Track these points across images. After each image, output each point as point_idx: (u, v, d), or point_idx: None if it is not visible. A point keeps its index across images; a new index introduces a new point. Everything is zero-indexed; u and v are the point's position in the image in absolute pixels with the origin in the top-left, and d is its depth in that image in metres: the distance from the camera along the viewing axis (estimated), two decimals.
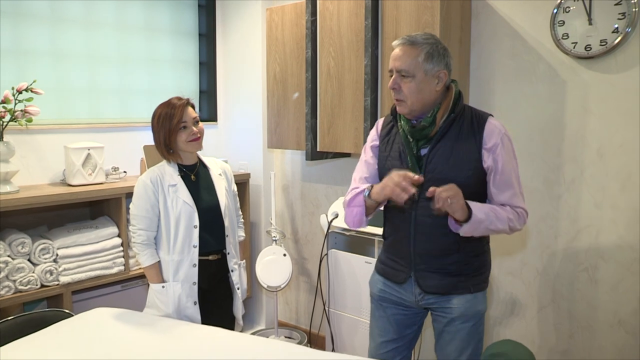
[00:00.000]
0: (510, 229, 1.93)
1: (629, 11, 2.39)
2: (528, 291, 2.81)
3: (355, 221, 2.07)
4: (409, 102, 1.91)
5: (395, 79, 1.92)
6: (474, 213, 1.83)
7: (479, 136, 1.92)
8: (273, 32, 3.38)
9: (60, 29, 3.22)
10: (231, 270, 2.54)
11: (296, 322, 4.00)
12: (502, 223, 1.89)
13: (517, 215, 1.94)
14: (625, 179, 2.48)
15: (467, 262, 2.00)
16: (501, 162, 1.92)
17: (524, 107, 2.74)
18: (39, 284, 2.81)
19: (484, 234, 1.91)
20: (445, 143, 1.93)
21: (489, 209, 1.88)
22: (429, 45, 1.89)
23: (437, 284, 2.00)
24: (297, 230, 3.90)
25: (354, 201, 2.04)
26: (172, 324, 2.29)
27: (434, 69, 1.89)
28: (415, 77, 1.88)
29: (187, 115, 2.40)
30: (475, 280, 2.02)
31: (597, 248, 2.58)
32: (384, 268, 2.15)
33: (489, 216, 1.86)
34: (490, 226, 1.87)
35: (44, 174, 3.15)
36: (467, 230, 1.86)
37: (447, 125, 1.93)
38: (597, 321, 2.61)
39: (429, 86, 1.91)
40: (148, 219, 2.39)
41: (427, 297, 2.03)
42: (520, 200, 1.96)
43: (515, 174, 1.97)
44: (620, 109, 2.47)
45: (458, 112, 1.95)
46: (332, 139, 3.10)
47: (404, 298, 2.09)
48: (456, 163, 1.92)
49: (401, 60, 1.90)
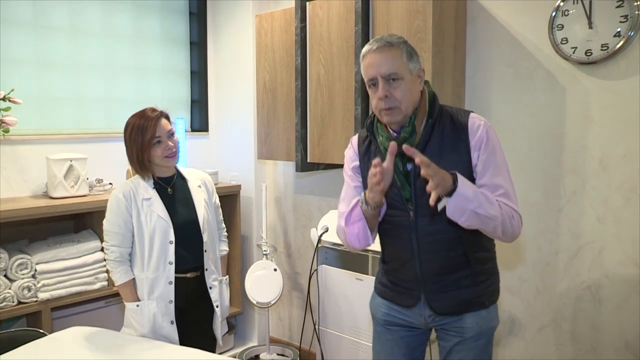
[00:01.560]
0: (503, 226, 1.69)
1: (631, 14, 2.26)
2: (527, 310, 2.67)
3: (360, 238, 1.83)
4: (403, 107, 1.73)
5: (385, 86, 1.73)
6: (460, 185, 1.59)
7: (464, 135, 1.76)
8: (262, 40, 3.27)
9: (45, 36, 3.13)
10: (210, 287, 2.42)
11: (289, 339, 3.87)
12: (492, 208, 1.65)
13: (510, 214, 1.72)
14: (630, 191, 2.34)
15: (480, 272, 1.85)
16: (487, 158, 1.75)
17: (522, 115, 2.61)
18: (16, 300, 2.70)
19: (472, 220, 1.65)
20: (431, 151, 1.76)
21: (478, 190, 1.66)
22: (404, 45, 1.77)
23: (450, 303, 1.84)
24: (290, 244, 3.78)
25: (351, 217, 1.84)
26: (147, 345, 2.19)
27: (416, 68, 1.77)
28: (405, 78, 1.73)
29: (161, 129, 2.27)
30: (489, 291, 1.88)
31: (600, 265, 2.44)
32: (386, 292, 1.98)
33: (477, 196, 1.62)
34: (479, 209, 1.62)
35: (25, 186, 3.05)
36: (453, 208, 1.61)
37: (427, 132, 1.78)
38: (602, 343, 2.45)
39: (415, 86, 1.77)
40: (121, 235, 2.28)
41: (438, 319, 1.88)
42: (512, 201, 1.75)
43: (505, 171, 1.78)
44: (624, 117, 2.33)
45: (436, 115, 1.79)
46: (323, 149, 2.98)
47: (411, 321, 1.94)
48: (447, 169, 1.70)
49: (387, 64, 1.73)
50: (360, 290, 2.79)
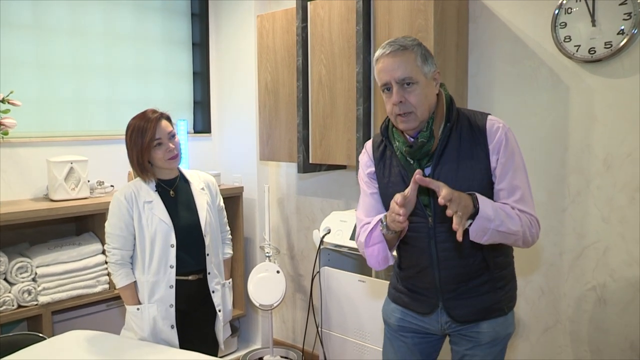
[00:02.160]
0: (524, 236, 1.67)
1: (635, 11, 2.23)
2: (532, 311, 2.64)
3: (380, 261, 1.80)
4: (419, 112, 1.69)
5: (399, 91, 1.68)
6: (481, 208, 1.57)
7: (482, 139, 1.72)
8: (264, 40, 3.25)
9: (45, 37, 3.12)
10: (212, 291, 2.39)
11: (293, 341, 3.84)
12: (513, 224, 1.63)
13: (529, 222, 1.69)
14: (634, 191, 2.31)
15: (499, 277, 1.82)
16: (505, 161, 1.71)
17: (525, 115, 2.58)
18: (16, 304, 2.69)
19: (494, 238, 1.63)
20: (448, 156, 1.73)
21: (498, 206, 1.63)
22: (419, 47, 1.71)
23: (470, 311, 1.81)
24: (293, 246, 3.75)
25: (371, 238, 1.78)
26: (148, 350, 2.17)
27: (431, 71, 1.72)
28: (419, 82, 1.68)
29: (161, 131, 2.25)
30: (508, 297, 1.85)
31: (605, 265, 2.41)
32: (402, 298, 1.94)
33: (497, 214, 1.60)
34: (501, 227, 1.60)
35: (26, 189, 3.04)
36: (475, 230, 1.59)
37: (446, 137, 1.73)
38: (607, 344, 2.42)
39: (431, 90, 1.73)
40: (122, 238, 2.26)
41: (454, 325, 1.84)
42: (529, 207, 1.71)
43: (523, 174, 1.74)
44: (628, 115, 2.30)
45: (454, 119, 1.75)
46: (325, 150, 2.96)
47: (426, 327, 1.90)
48: (466, 174, 1.71)
49: (401, 68, 1.67)
50: (363, 292, 2.77)
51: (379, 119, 2.70)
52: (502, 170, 1.71)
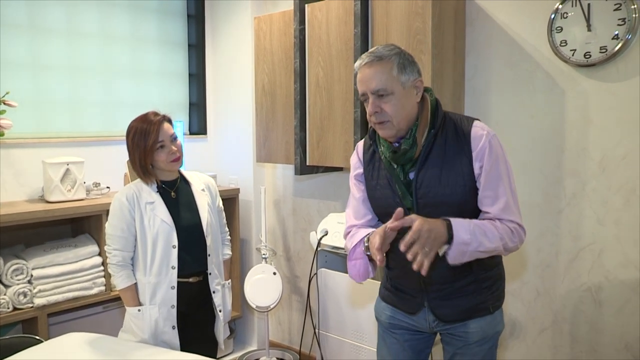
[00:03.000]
0: (505, 248, 1.71)
1: (629, 17, 2.26)
2: (528, 312, 2.66)
3: (360, 274, 1.84)
4: (395, 121, 1.71)
5: (374, 101, 1.70)
6: (455, 234, 1.61)
7: (466, 146, 1.73)
8: (261, 42, 3.26)
9: (41, 38, 3.11)
10: (213, 291, 2.40)
11: (289, 343, 3.85)
12: (492, 241, 1.66)
13: (511, 231, 1.71)
14: (630, 193, 2.33)
15: (484, 278, 1.83)
16: (487, 169, 1.71)
17: (522, 117, 2.61)
18: (11, 306, 2.67)
19: (474, 257, 1.69)
20: (432, 162, 1.74)
21: (474, 227, 1.65)
22: (397, 56, 1.71)
23: (454, 311, 1.83)
24: (289, 248, 3.76)
25: (354, 253, 1.84)
26: (148, 351, 2.16)
27: (409, 80, 1.71)
28: (395, 93, 1.69)
29: (164, 133, 2.25)
30: (494, 296, 1.86)
31: (600, 267, 2.43)
32: (391, 297, 1.97)
33: (475, 236, 1.63)
34: (480, 248, 1.64)
35: (21, 191, 3.03)
36: (454, 256, 1.63)
37: (429, 143, 1.75)
38: (602, 345, 2.45)
39: (409, 99, 1.73)
40: (124, 239, 2.26)
41: (442, 324, 1.87)
42: (513, 214, 1.72)
43: (507, 182, 1.73)
44: (623, 119, 2.33)
45: (439, 126, 1.76)
46: (322, 152, 2.97)
47: (416, 325, 1.92)
48: (449, 182, 1.73)
49: (375, 79, 1.69)
50: (361, 294, 2.78)
51: None
52: (486, 178, 1.71)
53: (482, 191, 1.73)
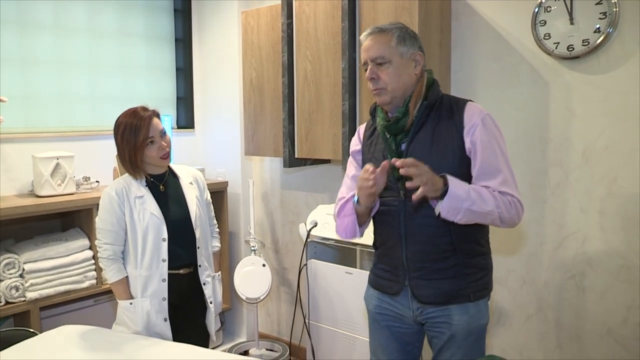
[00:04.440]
0: (501, 217, 1.72)
1: (609, 11, 2.32)
2: (514, 300, 2.72)
3: (348, 231, 1.93)
4: (390, 88, 1.80)
5: (372, 68, 1.82)
6: (450, 187, 1.64)
7: (458, 121, 1.79)
8: (249, 36, 3.28)
9: (28, 33, 3.10)
10: (203, 283, 2.43)
11: (278, 334, 3.89)
12: (487, 204, 1.69)
13: (509, 202, 1.73)
14: (612, 183, 2.40)
15: (467, 264, 1.84)
16: (481, 144, 1.75)
17: (507, 110, 2.66)
18: (4, 300, 2.68)
19: (469, 217, 1.69)
20: (424, 133, 1.81)
21: (470, 188, 1.69)
22: (398, 30, 1.82)
23: (434, 293, 1.85)
24: (278, 240, 3.79)
25: (343, 210, 1.93)
26: (141, 343, 2.18)
27: (408, 52, 1.81)
28: (392, 62, 1.80)
29: (154, 129, 2.26)
30: (477, 285, 1.86)
31: (584, 255, 2.50)
32: (377, 280, 2.01)
33: (469, 195, 1.66)
34: (473, 206, 1.66)
35: (11, 185, 3.02)
36: (447, 209, 1.66)
37: (423, 115, 1.82)
38: (586, 331, 2.52)
39: (407, 70, 1.82)
40: (114, 233, 2.27)
41: (425, 311, 1.88)
42: (510, 187, 1.75)
43: (502, 158, 1.78)
44: (605, 110, 2.39)
45: (432, 100, 1.82)
46: (310, 145, 3.00)
47: (400, 313, 1.95)
48: (439, 152, 1.78)
49: (374, 48, 1.81)
50: (350, 284, 2.82)
51: (364, 113, 2.75)
52: (483, 154, 1.75)
53: (480, 166, 1.76)
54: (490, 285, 1.93)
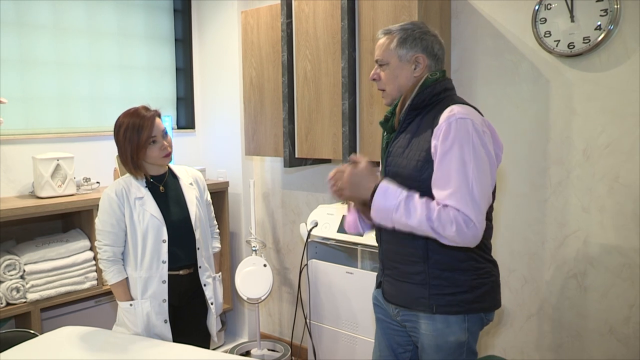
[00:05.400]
0: (435, 232, 1.59)
1: (610, 8, 2.30)
2: (515, 299, 2.71)
3: (350, 226, 1.99)
4: (388, 90, 1.86)
5: (375, 69, 1.89)
6: (375, 198, 1.66)
7: (436, 123, 1.70)
8: (248, 36, 3.27)
9: (28, 34, 3.10)
10: (204, 284, 2.42)
11: (279, 334, 3.88)
12: (411, 219, 1.60)
13: (449, 218, 1.57)
14: (613, 181, 2.39)
15: (436, 276, 1.75)
16: (441, 149, 1.64)
17: (507, 108, 2.65)
18: (4, 302, 2.68)
19: (402, 228, 1.65)
20: (405, 134, 1.82)
21: (403, 199, 1.63)
22: (403, 31, 1.82)
23: (396, 293, 1.85)
24: (279, 240, 3.79)
25: (350, 206, 1.98)
26: (142, 344, 2.18)
27: (408, 54, 1.80)
28: (390, 63, 1.83)
29: (157, 128, 2.26)
30: (443, 299, 1.74)
31: (585, 254, 2.49)
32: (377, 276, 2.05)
33: (399, 206, 1.62)
34: (400, 219, 1.63)
35: (11, 187, 3.02)
36: (376, 218, 1.68)
37: (409, 116, 1.81)
38: (587, 330, 2.51)
39: (404, 72, 1.82)
40: (114, 234, 2.27)
41: (401, 313, 1.87)
42: (458, 201, 1.57)
43: (461, 168, 1.60)
44: (606, 108, 2.38)
45: (417, 102, 1.77)
46: (311, 145, 2.99)
47: (385, 309, 1.97)
48: (409, 154, 1.76)
49: (378, 50, 1.87)
50: (351, 284, 2.81)
51: (364, 113, 2.74)
52: (438, 159, 1.65)
53: (434, 174, 1.67)
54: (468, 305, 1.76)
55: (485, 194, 1.63)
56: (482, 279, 1.79)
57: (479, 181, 1.61)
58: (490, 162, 1.67)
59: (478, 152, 1.63)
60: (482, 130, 1.66)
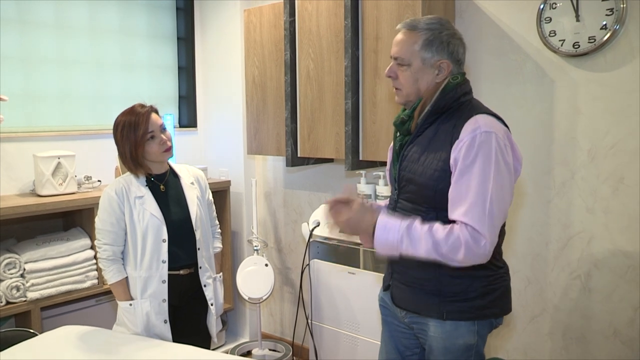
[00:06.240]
0: (443, 258, 1.57)
1: (616, 7, 2.28)
2: (519, 300, 2.69)
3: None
4: (405, 91, 1.74)
5: (392, 66, 1.75)
6: (377, 235, 1.62)
7: (456, 133, 1.63)
8: (251, 34, 3.26)
9: (30, 32, 3.09)
10: (204, 285, 2.40)
11: (281, 334, 3.87)
12: (418, 249, 1.58)
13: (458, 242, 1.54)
14: (618, 182, 2.37)
15: (447, 283, 1.71)
16: (461, 164, 1.59)
17: (511, 108, 2.63)
18: (4, 300, 2.67)
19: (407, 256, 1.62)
20: (421, 140, 1.74)
21: (405, 231, 1.59)
22: (429, 32, 1.69)
23: (407, 298, 1.81)
24: (280, 239, 3.77)
25: None
26: (141, 344, 2.17)
27: (433, 58, 1.69)
28: (412, 65, 1.70)
29: (153, 124, 2.24)
30: (454, 306, 1.72)
31: (589, 255, 2.47)
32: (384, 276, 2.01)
33: (402, 240, 1.59)
34: (407, 251, 1.60)
35: (12, 185, 3.01)
36: (380, 251, 1.65)
37: (427, 121, 1.74)
38: (592, 332, 2.49)
39: (426, 76, 1.71)
40: (114, 234, 2.25)
41: (409, 315, 1.85)
42: (474, 218, 1.54)
43: (481, 185, 1.56)
44: (611, 108, 2.36)
45: (438, 107, 1.71)
46: (313, 144, 2.98)
47: (392, 311, 1.94)
48: (425, 162, 1.69)
49: (398, 46, 1.72)
50: (353, 284, 2.80)
51: (367, 112, 2.72)
52: (458, 173, 1.60)
53: (451, 190, 1.63)
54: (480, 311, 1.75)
55: (502, 211, 1.61)
56: (494, 285, 1.78)
57: (498, 198, 1.58)
58: (510, 178, 1.63)
59: (500, 168, 1.59)
60: (504, 145, 1.62)
